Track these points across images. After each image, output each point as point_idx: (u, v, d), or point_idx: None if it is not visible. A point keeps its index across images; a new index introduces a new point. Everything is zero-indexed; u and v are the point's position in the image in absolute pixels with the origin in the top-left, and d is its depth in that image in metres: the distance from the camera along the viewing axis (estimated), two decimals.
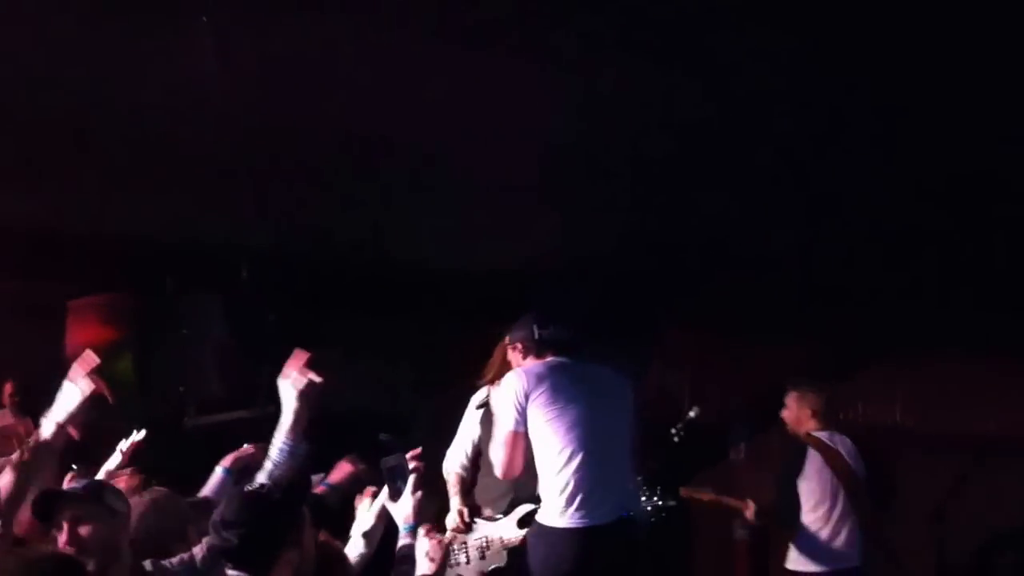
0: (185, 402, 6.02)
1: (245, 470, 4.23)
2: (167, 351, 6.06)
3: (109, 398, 3.39)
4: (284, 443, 3.66)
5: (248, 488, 3.38)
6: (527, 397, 4.41)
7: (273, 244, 6.08)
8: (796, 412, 6.06)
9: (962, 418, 8.01)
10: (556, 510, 4.36)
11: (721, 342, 7.58)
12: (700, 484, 6.80)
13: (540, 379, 4.45)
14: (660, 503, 5.62)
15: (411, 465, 3.79)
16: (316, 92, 4.37)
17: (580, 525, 4.34)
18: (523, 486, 4.61)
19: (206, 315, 6.25)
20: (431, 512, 4.22)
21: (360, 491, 4.14)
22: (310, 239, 6.19)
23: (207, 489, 4.30)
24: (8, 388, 6.59)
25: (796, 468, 5.74)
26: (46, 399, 3.43)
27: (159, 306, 6.17)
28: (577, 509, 4.34)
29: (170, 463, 4.68)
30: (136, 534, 3.44)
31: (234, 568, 3.15)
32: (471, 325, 7.17)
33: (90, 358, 3.43)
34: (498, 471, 4.51)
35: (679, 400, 7.06)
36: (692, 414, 5.87)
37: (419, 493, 3.88)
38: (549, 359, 4.55)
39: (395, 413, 6.88)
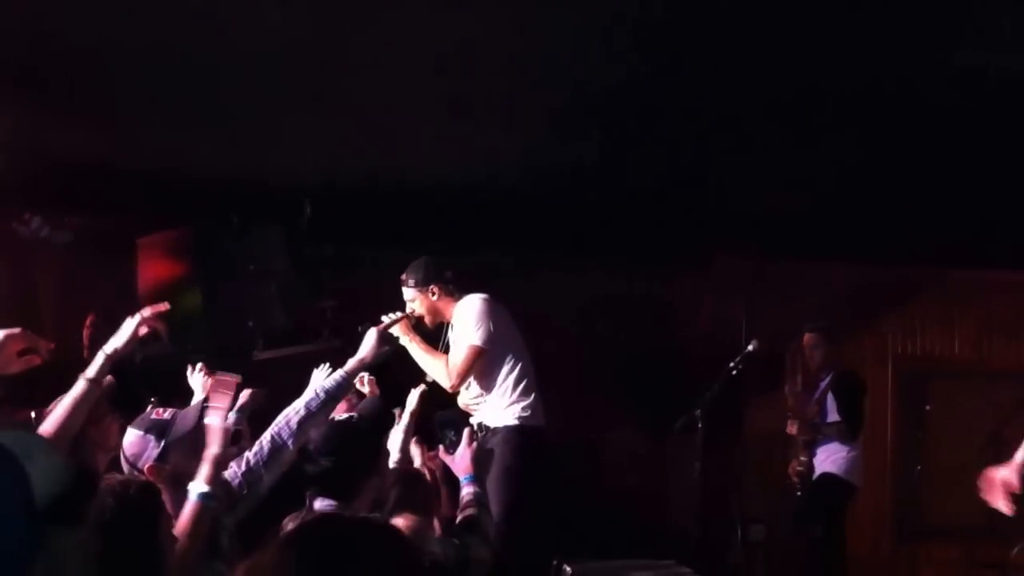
0: (253, 336, 6.12)
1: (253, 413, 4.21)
2: (234, 285, 6.12)
3: (163, 335, 3.31)
4: (341, 377, 3.65)
5: (336, 419, 3.56)
6: (495, 322, 5.17)
7: (332, 179, 6.15)
8: (824, 352, 6.75)
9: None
10: (525, 412, 5.16)
11: (775, 267, 7.58)
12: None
13: (499, 308, 5.25)
14: None
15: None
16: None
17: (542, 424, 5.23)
18: None
19: (270, 249, 6.32)
20: (490, 462, 4.40)
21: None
22: (368, 172, 6.22)
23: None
24: (90, 319, 6.68)
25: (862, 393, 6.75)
26: (118, 323, 3.45)
27: (225, 241, 6.23)
28: (537, 413, 5.19)
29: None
30: None
31: (323, 495, 3.33)
32: (528, 258, 7.27)
33: (161, 304, 3.49)
34: (451, 382, 5.16)
35: (736, 330, 7.08)
36: (751, 347, 5.88)
37: (475, 444, 4.11)
38: (481, 295, 5.25)
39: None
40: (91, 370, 3.34)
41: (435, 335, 5.39)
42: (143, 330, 3.43)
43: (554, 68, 4.67)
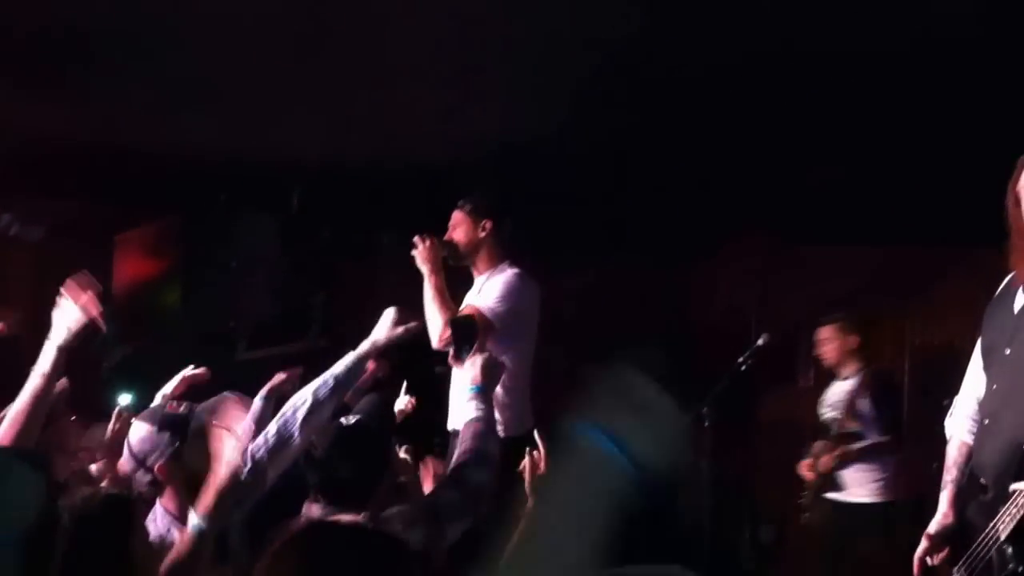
0: (236, 335, 5.88)
1: (282, 398, 4.13)
2: (217, 279, 5.90)
3: (102, 326, 3.00)
4: (352, 361, 3.41)
5: (344, 423, 3.26)
6: (520, 308, 4.54)
7: (328, 159, 5.89)
8: (842, 343, 6.07)
9: None
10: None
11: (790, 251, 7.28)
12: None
13: (534, 296, 4.63)
14: None
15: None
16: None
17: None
18: None
19: (257, 238, 6.08)
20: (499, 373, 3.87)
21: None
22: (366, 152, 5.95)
23: (249, 420, 4.18)
24: None
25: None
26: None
27: (209, 230, 5.99)
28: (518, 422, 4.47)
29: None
30: None
31: (334, 504, 3.00)
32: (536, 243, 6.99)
33: (84, 280, 3.13)
34: (441, 338, 4.48)
35: (747, 319, 6.80)
36: (761, 341, 5.59)
37: (486, 354, 3.73)
38: (522, 273, 4.63)
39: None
40: (43, 364, 3.01)
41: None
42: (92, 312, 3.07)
43: (562, 48, 4.47)
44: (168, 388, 4.36)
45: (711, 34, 4.38)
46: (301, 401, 3.21)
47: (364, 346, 3.45)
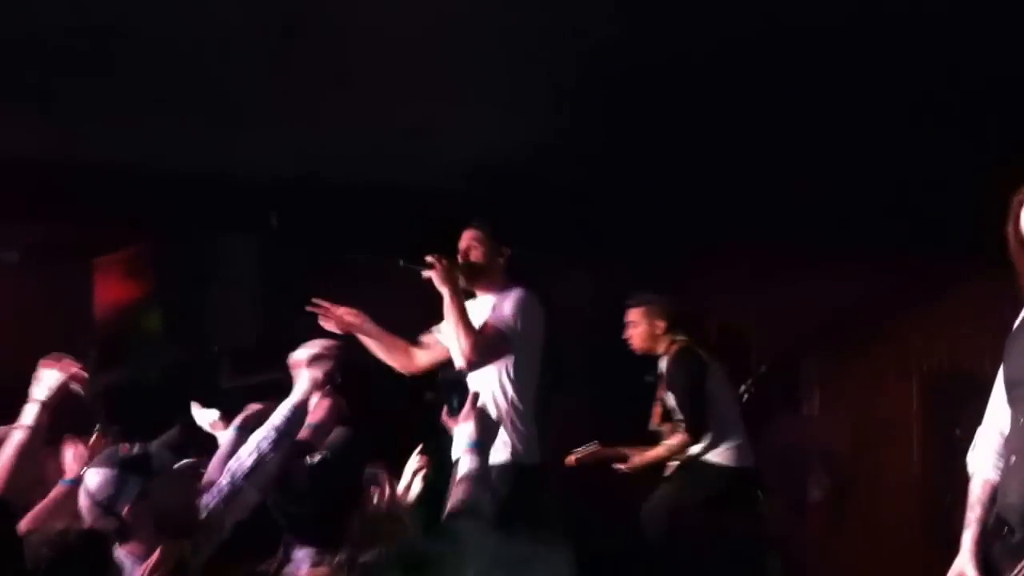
0: (220, 362, 5.74)
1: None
2: (198, 302, 5.76)
3: (84, 391, 3.32)
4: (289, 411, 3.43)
5: (308, 461, 3.27)
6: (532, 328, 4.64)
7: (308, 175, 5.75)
8: (648, 328, 5.82)
9: None
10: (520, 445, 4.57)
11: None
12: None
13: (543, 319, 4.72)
14: None
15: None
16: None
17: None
18: None
19: (239, 260, 5.95)
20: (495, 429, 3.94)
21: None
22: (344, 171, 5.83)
23: (221, 450, 4.02)
24: None
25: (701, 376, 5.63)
26: (69, 349, 3.44)
27: (189, 252, 5.85)
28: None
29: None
30: None
31: (304, 542, 3.09)
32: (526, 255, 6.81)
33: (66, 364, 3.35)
34: (471, 358, 4.52)
35: (747, 343, 6.61)
36: (762, 370, 5.46)
37: (480, 406, 3.72)
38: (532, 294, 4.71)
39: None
40: (27, 417, 3.26)
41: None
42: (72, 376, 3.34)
43: (550, 58, 4.40)
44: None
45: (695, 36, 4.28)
46: (247, 453, 3.30)
47: (297, 390, 3.50)
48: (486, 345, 4.54)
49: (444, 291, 4.52)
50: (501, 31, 4.28)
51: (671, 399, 5.68)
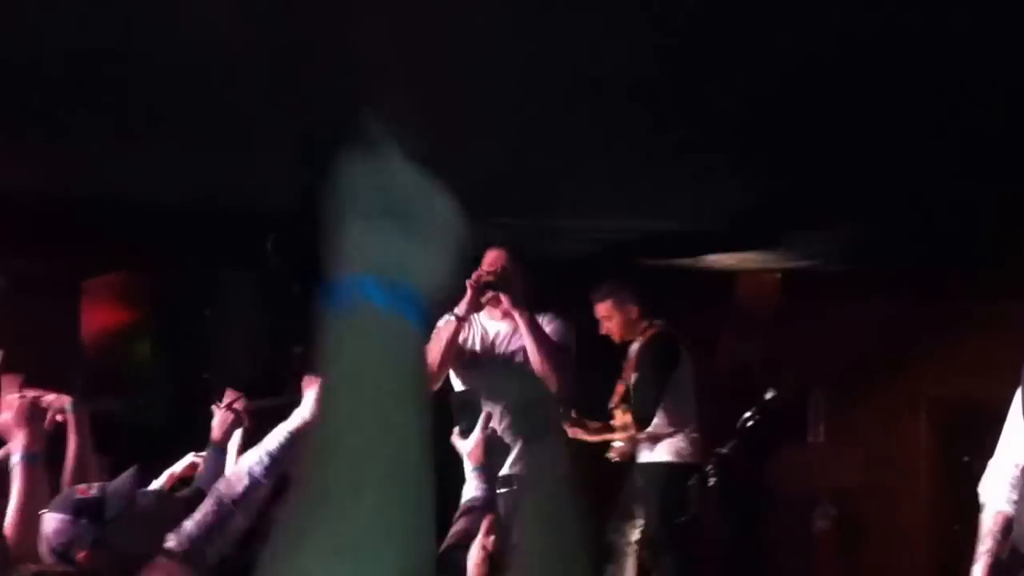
0: (211, 389, 5.61)
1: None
2: (189, 332, 5.65)
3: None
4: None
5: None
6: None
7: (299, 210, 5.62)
8: (622, 316, 5.73)
9: None
10: None
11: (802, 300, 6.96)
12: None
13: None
14: None
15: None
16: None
17: None
18: None
19: (231, 291, 5.84)
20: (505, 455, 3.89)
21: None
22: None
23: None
24: None
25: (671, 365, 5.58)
26: (60, 378, 3.45)
27: (181, 283, 5.75)
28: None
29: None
30: None
31: None
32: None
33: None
34: (560, 381, 4.47)
35: (753, 372, 6.48)
36: (768, 396, 5.31)
37: (489, 430, 3.63)
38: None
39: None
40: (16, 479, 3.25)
41: None
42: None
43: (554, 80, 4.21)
44: (177, 468, 4.22)
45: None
46: (236, 479, 3.14)
47: (294, 420, 3.35)
48: (567, 367, 4.58)
49: (517, 313, 4.50)
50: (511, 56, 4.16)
51: (634, 380, 5.61)
